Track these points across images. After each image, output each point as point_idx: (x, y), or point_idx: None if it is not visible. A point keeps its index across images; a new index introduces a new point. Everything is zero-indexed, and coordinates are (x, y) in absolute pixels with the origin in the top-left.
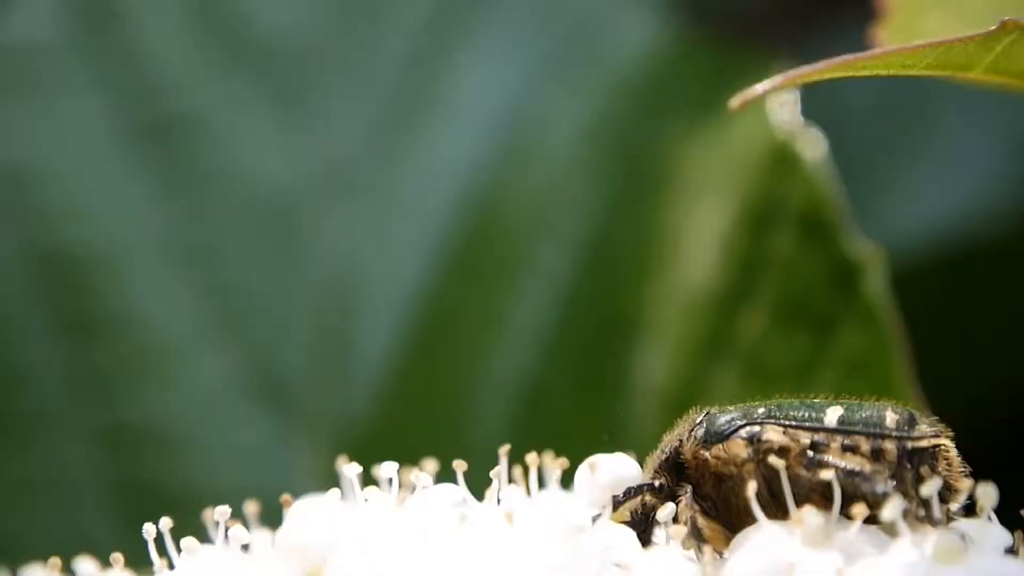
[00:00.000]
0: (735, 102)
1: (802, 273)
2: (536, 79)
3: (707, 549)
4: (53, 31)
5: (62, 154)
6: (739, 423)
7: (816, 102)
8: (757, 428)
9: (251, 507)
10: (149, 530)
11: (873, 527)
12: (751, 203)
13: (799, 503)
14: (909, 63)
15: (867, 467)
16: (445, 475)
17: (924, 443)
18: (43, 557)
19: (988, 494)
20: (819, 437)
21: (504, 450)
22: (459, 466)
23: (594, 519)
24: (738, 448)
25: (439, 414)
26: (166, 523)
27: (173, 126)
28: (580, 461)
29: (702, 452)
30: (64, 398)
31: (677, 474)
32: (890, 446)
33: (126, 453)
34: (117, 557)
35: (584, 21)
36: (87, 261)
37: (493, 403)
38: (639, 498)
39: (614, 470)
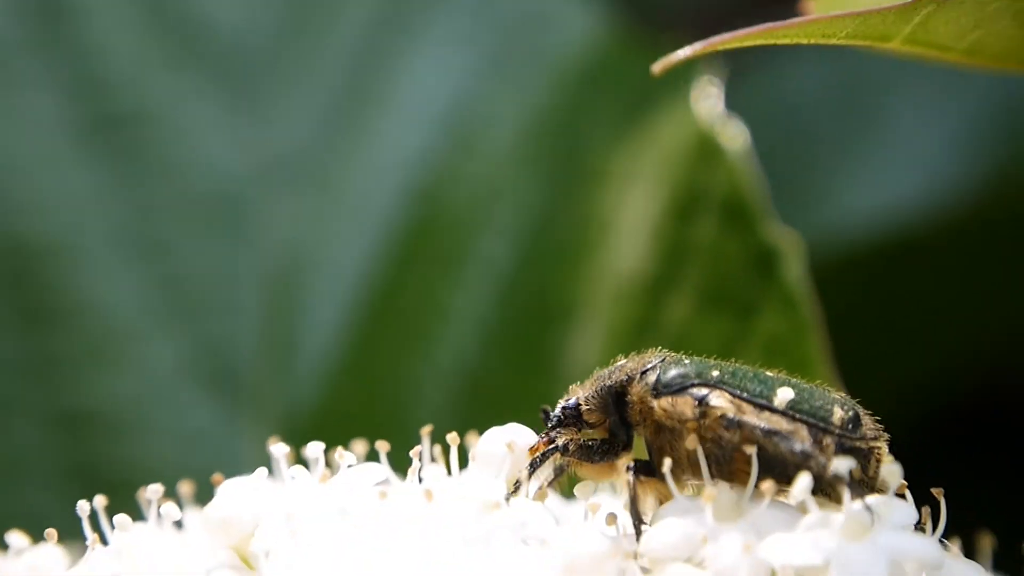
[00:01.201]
0: (657, 67)
1: (724, 259)
2: (479, 74)
3: (621, 523)
4: (6, 27)
5: (14, 147)
6: (692, 381)
7: (761, 94)
8: (707, 391)
9: (185, 487)
10: (83, 508)
11: (786, 504)
12: (677, 192)
13: (728, 466)
14: (829, 32)
15: (784, 427)
16: (375, 457)
17: (861, 444)
18: None
19: (893, 472)
20: (764, 414)
21: (426, 430)
22: (382, 446)
23: (509, 495)
24: (685, 406)
25: (383, 400)
26: (100, 501)
27: (124, 120)
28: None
29: (649, 399)
30: (16, 383)
31: (616, 407)
32: (829, 441)
33: (76, 437)
34: (51, 532)
35: (526, 17)
36: (40, 251)
37: (435, 389)
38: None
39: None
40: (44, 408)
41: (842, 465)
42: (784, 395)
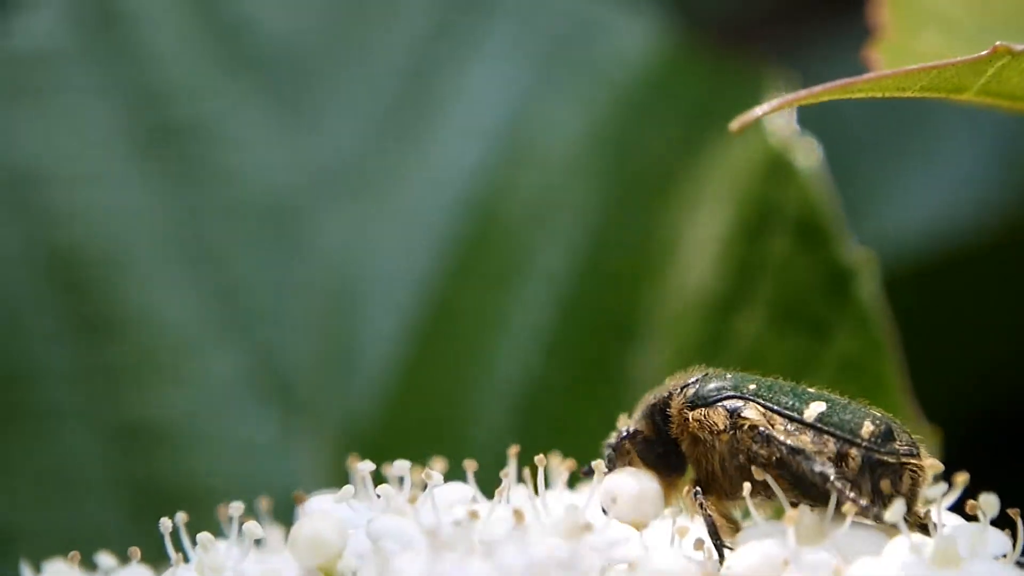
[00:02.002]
0: (735, 125)
1: (797, 277)
2: (537, 85)
3: (706, 548)
4: (60, 37)
5: (70, 157)
6: (727, 393)
7: (809, 107)
8: (741, 403)
9: (264, 503)
10: (165, 525)
11: (867, 526)
12: (747, 209)
13: (746, 477)
14: (903, 86)
15: (808, 447)
16: (453, 474)
17: (890, 459)
18: (54, 553)
19: (989, 503)
20: (792, 427)
21: (514, 451)
22: (469, 466)
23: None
24: (717, 417)
25: (440, 413)
26: (181, 518)
27: (179, 129)
28: (579, 460)
29: (686, 411)
30: (74, 396)
31: (662, 422)
32: (856, 454)
33: (134, 450)
34: (134, 551)
35: (584, 28)
36: (95, 262)
37: (493, 403)
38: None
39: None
40: (101, 420)
41: (895, 511)
42: (815, 408)
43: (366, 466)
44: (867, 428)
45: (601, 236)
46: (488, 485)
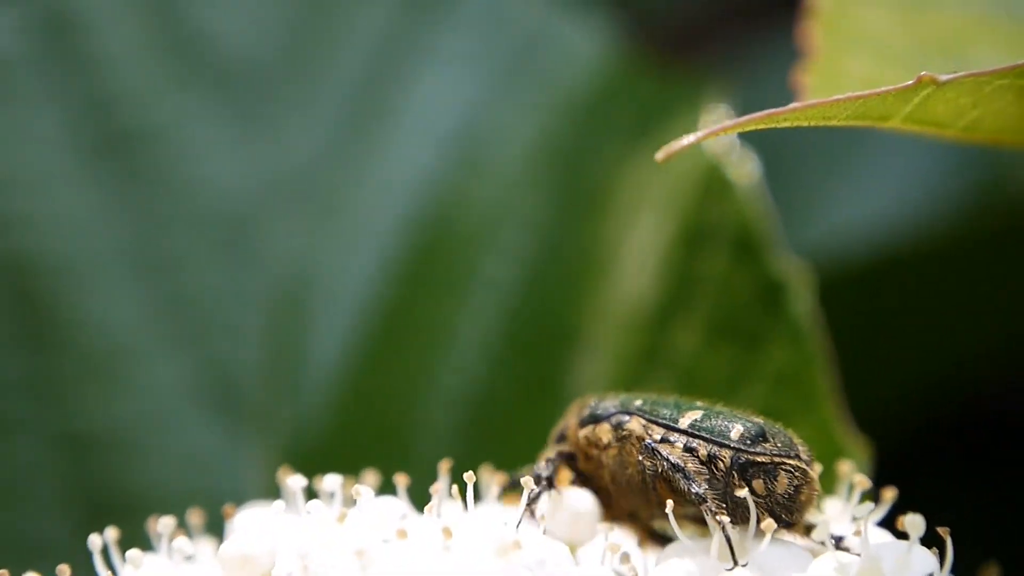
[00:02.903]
0: (660, 155)
1: (733, 291)
2: (488, 94)
3: (635, 565)
4: (12, 43)
5: (19, 164)
6: (612, 411)
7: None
8: (625, 418)
9: (195, 517)
10: (94, 542)
11: (786, 542)
12: (686, 223)
13: (644, 490)
14: (829, 115)
15: (690, 466)
16: (388, 487)
17: (762, 459)
18: None
19: (915, 524)
20: (669, 435)
21: (445, 465)
22: (400, 480)
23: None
24: (603, 432)
25: (388, 422)
26: (112, 535)
27: (130, 138)
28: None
29: (579, 431)
30: (21, 405)
31: (563, 445)
32: (725, 455)
33: (80, 458)
34: (63, 569)
35: (534, 39)
36: (44, 270)
37: (441, 412)
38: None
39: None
40: (46, 429)
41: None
42: (689, 416)
43: (297, 481)
44: (736, 431)
45: (546, 245)
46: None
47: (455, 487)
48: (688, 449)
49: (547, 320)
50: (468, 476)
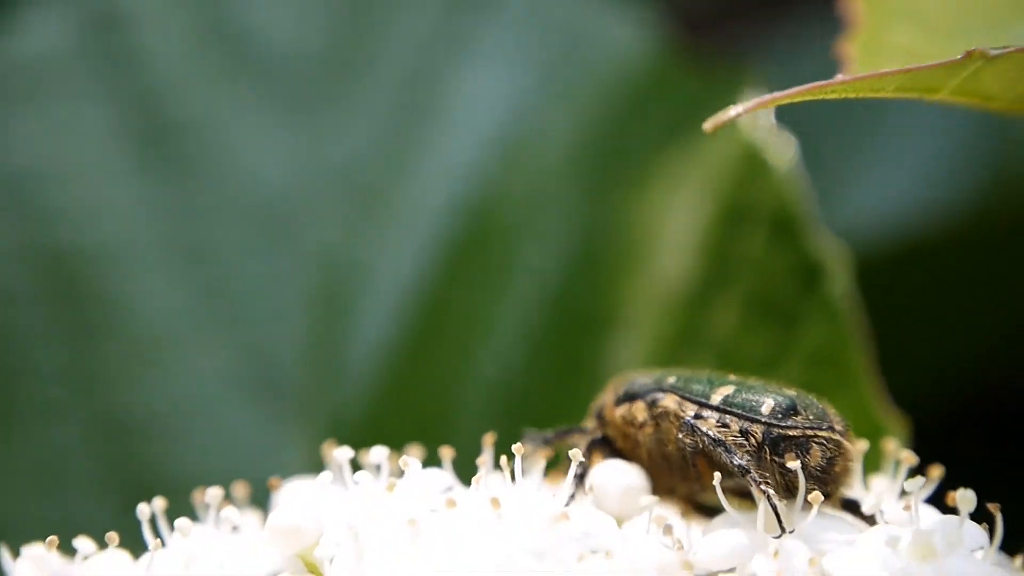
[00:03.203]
0: (708, 126)
1: (771, 271)
2: (528, 88)
3: (680, 537)
4: (60, 39)
5: (66, 157)
6: (647, 389)
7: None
8: (660, 395)
9: (240, 490)
10: (143, 511)
11: (834, 516)
12: (724, 205)
13: (684, 466)
14: (877, 87)
15: (729, 439)
16: (432, 463)
17: (794, 432)
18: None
19: (966, 499)
20: (702, 412)
21: (489, 438)
22: (446, 453)
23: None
24: (638, 411)
25: (428, 408)
26: (160, 504)
27: (175, 130)
28: (560, 454)
29: (615, 410)
30: (64, 391)
31: (600, 424)
32: (757, 430)
33: (123, 444)
34: (112, 536)
35: (574, 32)
36: (88, 259)
37: (480, 397)
38: (572, 437)
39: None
40: (90, 415)
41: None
42: (721, 392)
43: (344, 453)
44: (767, 405)
45: (584, 233)
46: (470, 479)
47: (503, 460)
48: (722, 425)
49: (585, 305)
50: (517, 448)
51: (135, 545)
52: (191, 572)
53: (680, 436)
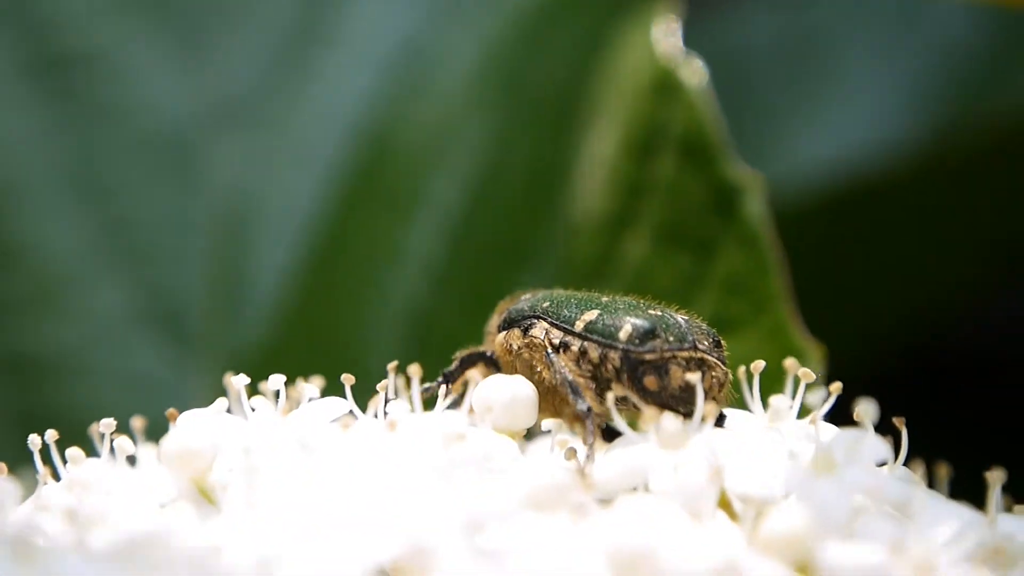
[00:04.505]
0: None
1: (684, 197)
2: (430, 14)
3: (580, 456)
4: None
5: None
6: (523, 314)
7: (712, 41)
8: (533, 321)
9: (137, 423)
10: (34, 441)
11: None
12: (635, 130)
13: (555, 393)
14: None
15: (580, 381)
16: (335, 393)
17: (651, 356)
18: None
19: (868, 411)
20: (567, 338)
21: (392, 366)
22: (347, 379)
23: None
24: (512, 338)
25: (333, 342)
26: (52, 435)
27: (71, 61)
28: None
29: (497, 337)
30: None
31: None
32: (614, 355)
33: (23, 381)
34: (1, 466)
35: None
36: None
37: (385, 330)
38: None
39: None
40: None
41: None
42: (585, 318)
43: (240, 380)
44: (625, 331)
45: (495, 165)
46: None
47: (401, 387)
48: (581, 351)
49: (495, 238)
50: (413, 370)
51: (30, 482)
52: (79, 500)
53: (541, 369)
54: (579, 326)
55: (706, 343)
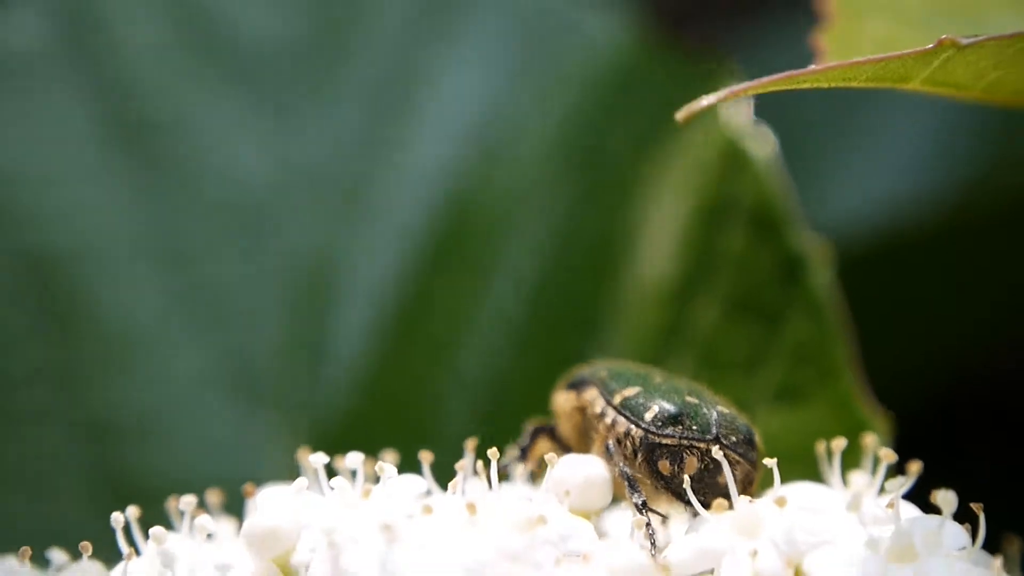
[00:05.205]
0: (681, 115)
1: (752, 267)
2: (508, 83)
3: (659, 538)
4: (35, 35)
5: (40, 155)
6: (584, 379)
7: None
8: (587, 386)
9: (214, 497)
10: (117, 519)
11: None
12: (706, 200)
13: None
14: (849, 76)
15: (638, 476)
16: (412, 467)
17: (668, 441)
18: (18, 547)
19: (947, 500)
20: (605, 408)
21: (470, 444)
22: (425, 457)
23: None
24: (569, 400)
25: (409, 408)
26: (133, 512)
27: (151, 128)
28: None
29: (556, 398)
30: (44, 394)
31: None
32: (636, 433)
33: (103, 446)
34: (85, 546)
35: (553, 25)
36: (65, 259)
37: (462, 398)
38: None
39: (586, 470)
40: (69, 417)
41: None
42: (625, 393)
43: (319, 458)
44: (652, 412)
45: (566, 230)
46: (452, 478)
47: (479, 464)
48: (612, 423)
49: (567, 303)
50: (492, 452)
51: (114, 549)
52: None
53: (596, 424)
54: (617, 399)
55: (734, 438)
